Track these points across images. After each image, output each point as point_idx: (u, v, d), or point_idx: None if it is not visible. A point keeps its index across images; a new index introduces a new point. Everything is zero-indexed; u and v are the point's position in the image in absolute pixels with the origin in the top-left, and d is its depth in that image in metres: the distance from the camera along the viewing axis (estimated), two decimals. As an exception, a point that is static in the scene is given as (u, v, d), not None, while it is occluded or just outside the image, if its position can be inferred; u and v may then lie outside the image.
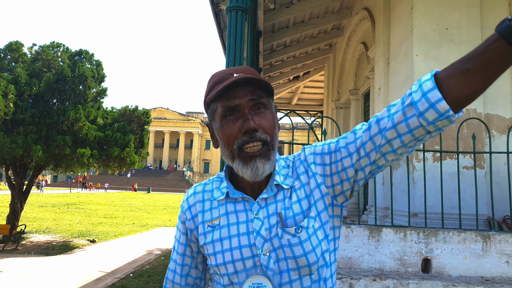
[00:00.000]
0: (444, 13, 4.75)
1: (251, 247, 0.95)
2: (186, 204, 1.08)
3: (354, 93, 9.00)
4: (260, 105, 0.94)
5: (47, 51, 11.96)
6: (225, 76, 0.95)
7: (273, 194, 0.98)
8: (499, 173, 4.34)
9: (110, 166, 12.13)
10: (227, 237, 0.98)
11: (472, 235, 3.07)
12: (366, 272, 2.96)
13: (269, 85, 0.95)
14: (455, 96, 0.77)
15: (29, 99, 11.05)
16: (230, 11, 2.83)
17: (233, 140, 0.93)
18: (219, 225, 1.00)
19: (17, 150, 9.83)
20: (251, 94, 0.93)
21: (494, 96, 4.76)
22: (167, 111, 76.49)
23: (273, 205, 0.97)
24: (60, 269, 7.93)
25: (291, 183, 0.99)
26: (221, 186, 1.04)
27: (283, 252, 0.94)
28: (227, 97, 0.93)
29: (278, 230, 0.94)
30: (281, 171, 1.01)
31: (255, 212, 0.97)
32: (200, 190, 1.08)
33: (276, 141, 0.97)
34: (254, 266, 0.94)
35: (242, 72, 0.95)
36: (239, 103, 0.92)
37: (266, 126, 0.93)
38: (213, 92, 0.94)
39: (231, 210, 1.00)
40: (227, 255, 0.96)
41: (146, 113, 13.22)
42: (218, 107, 0.95)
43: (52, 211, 20.30)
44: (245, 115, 0.93)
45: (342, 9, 8.50)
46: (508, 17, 0.71)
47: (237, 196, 0.99)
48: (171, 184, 62.78)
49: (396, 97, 5.37)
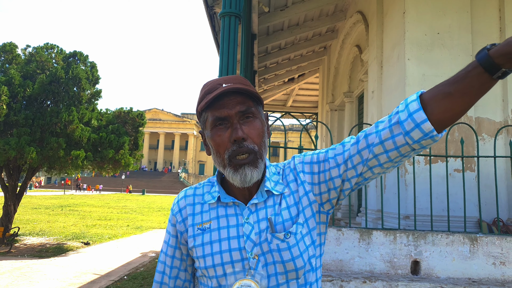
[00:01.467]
0: (435, 18, 4.81)
1: (241, 251, 0.98)
2: (176, 207, 1.10)
3: (348, 95, 9.06)
4: (248, 114, 0.97)
5: (41, 53, 11.92)
6: (215, 86, 0.98)
7: (263, 200, 1.01)
8: (489, 176, 4.40)
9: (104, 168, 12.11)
10: (217, 240, 1.00)
11: (460, 237, 3.12)
12: (357, 274, 2.99)
13: (257, 95, 0.98)
14: (438, 118, 0.83)
15: (23, 100, 11.01)
16: (223, 16, 2.86)
17: (224, 149, 0.96)
18: (210, 228, 1.02)
19: (10, 152, 9.78)
20: (239, 104, 0.96)
21: (485, 100, 4.82)
22: (162, 112, 76.29)
23: (263, 211, 1.00)
24: (54, 272, 7.90)
25: (281, 190, 1.03)
26: (212, 190, 1.07)
27: (272, 257, 0.97)
28: (217, 107, 0.96)
29: (268, 235, 0.97)
30: (272, 177, 1.05)
31: (246, 217, 1.00)
32: (191, 194, 1.10)
33: (264, 150, 1.00)
34: (243, 269, 0.97)
35: (232, 82, 0.98)
36: (228, 113, 0.95)
37: (254, 135, 0.97)
38: (203, 102, 0.97)
39: (222, 214, 1.02)
40: (217, 257, 0.98)
41: (140, 115, 13.21)
42: (208, 116, 0.99)
43: (45, 213, 20.19)
44: (234, 124, 0.96)
45: (337, 12, 8.56)
46: (487, 45, 0.75)
47: (229, 200, 1.02)
48: (166, 186, 62.59)
49: (389, 100, 5.42)
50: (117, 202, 32.08)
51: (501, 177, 4.58)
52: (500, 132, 4.74)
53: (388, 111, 5.41)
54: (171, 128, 75.89)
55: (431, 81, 4.73)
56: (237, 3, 2.91)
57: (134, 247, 11.23)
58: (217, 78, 1.02)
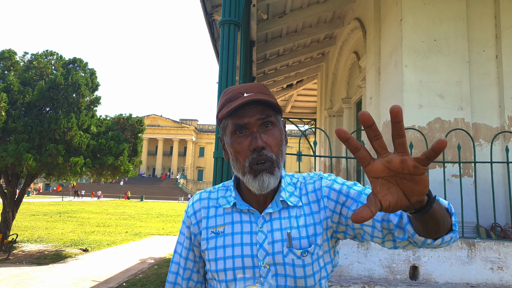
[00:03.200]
0: (432, 25, 4.87)
1: (253, 258, 1.00)
2: (191, 209, 1.12)
3: (347, 101, 9.11)
4: (268, 123, 1.00)
5: (40, 59, 11.95)
6: (236, 94, 1.01)
7: (278, 210, 1.04)
8: (487, 182, 4.43)
9: (103, 174, 12.09)
10: (230, 245, 1.02)
11: (458, 242, 3.14)
12: (356, 280, 3.01)
13: (277, 104, 1.01)
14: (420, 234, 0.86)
15: (22, 107, 11.02)
16: (223, 24, 2.90)
17: (244, 157, 0.99)
18: (223, 232, 1.04)
19: (7, 159, 9.77)
20: (259, 113, 0.99)
21: (482, 106, 4.87)
22: (161, 118, 76.35)
23: (277, 221, 1.03)
24: (52, 279, 7.87)
25: (295, 202, 1.05)
26: (227, 195, 1.09)
27: (284, 269, 0.99)
28: (238, 116, 0.99)
29: (284, 248, 1.00)
30: (287, 187, 1.07)
31: (260, 225, 1.02)
32: (206, 197, 1.12)
33: (281, 158, 1.02)
34: (253, 276, 0.99)
35: (253, 91, 1.01)
36: (248, 122, 0.98)
37: (272, 144, 0.99)
38: (225, 110, 1.00)
39: (236, 220, 1.05)
40: (229, 262, 1.00)
41: (140, 121, 13.23)
42: (229, 124, 1.01)
43: (44, 220, 20.12)
44: (253, 133, 0.98)
45: (334, 19, 8.64)
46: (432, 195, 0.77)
47: (244, 207, 1.04)
48: (165, 192, 62.46)
49: (386, 106, 5.46)
50: (115, 209, 31.97)
51: (498, 182, 4.61)
52: (497, 137, 4.79)
53: (386, 117, 5.45)
54: (170, 134, 75.94)
55: (428, 88, 4.78)
56: (237, 11, 2.96)
57: (133, 254, 11.19)
58: (238, 86, 1.04)
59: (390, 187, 0.67)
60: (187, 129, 75.94)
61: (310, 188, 1.07)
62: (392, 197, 0.67)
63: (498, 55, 4.92)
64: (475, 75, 4.89)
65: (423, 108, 4.74)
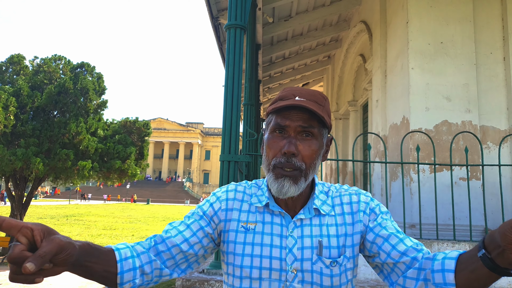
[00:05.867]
0: (438, 27, 4.85)
1: (281, 261, 0.99)
2: (224, 195, 1.09)
3: (353, 104, 9.09)
4: (308, 133, 0.98)
5: (49, 64, 12.09)
6: (289, 95, 1.00)
7: (309, 217, 1.03)
8: (495, 185, 4.39)
9: (110, 178, 12.17)
10: (259, 243, 1.01)
11: (466, 246, 3.11)
12: (363, 283, 2.99)
13: (324, 118, 0.98)
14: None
15: (31, 111, 11.14)
16: (229, 28, 2.91)
17: (273, 156, 0.99)
18: (254, 230, 1.03)
19: (16, 163, 9.88)
20: (303, 121, 0.97)
21: (490, 108, 4.83)
22: (167, 121, 76.68)
23: (308, 228, 1.02)
24: (60, 282, 7.91)
25: (328, 211, 1.04)
26: (259, 194, 1.08)
27: (311, 277, 0.98)
28: (282, 115, 0.99)
29: (313, 255, 0.99)
30: (319, 195, 1.06)
31: (290, 230, 1.01)
32: (242, 190, 1.10)
33: (312, 171, 1.00)
34: (279, 279, 0.99)
35: (307, 97, 0.99)
36: (289, 125, 0.97)
37: (306, 154, 0.98)
38: (272, 106, 1.01)
39: (268, 220, 1.04)
40: (256, 260, 1.00)
41: (146, 125, 13.31)
42: (272, 120, 1.01)
43: (51, 223, 20.24)
44: (290, 137, 0.98)
45: (340, 22, 8.64)
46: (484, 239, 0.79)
47: (276, 209, 1.03)
48: (171, 195, 62.61)
49: (393, 109, 5.44)
50: (122, 212, 32.11)
51: (507, 185, 4.57)
52: (505, 140, 4.74)
53: (392, 119, 5.43)
54: (176, 137, 76.19)
55: (435, 90, 4.76)
56: (242, 15, 2.97)
57: (139, 257, 11.21)
58: (296, 88, 1.03)
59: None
60: (193, 132, 76.15)
61: (345, 200, 1.07)
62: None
63: (505, 57, 4.89)
64: (482, 77, 4.86)
65: (430, 110, 4.72)
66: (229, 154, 2.98)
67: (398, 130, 5.13)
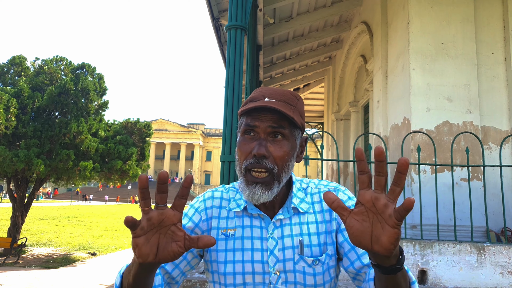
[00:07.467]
0: (439, 28, 4.85)
1: (263, 264, 0.98)
2: (202, 205, 1.06)
3: (354, 105, 9.09)
4: (278, 133, 0.96)
5: (50, 65, 12.11)
6: (259, 96, 0.98)
7: (289, 216, 1.01)
8: (496, 185, 4.38)
9: (111, 178, 12.18)
10: (240, 249, 1.00)
11: (467, 246, 3.10)
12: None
13: (294, 120, 0.95)
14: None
15: (32, 112, 11.16)
16: (230, 29, 2.92)
17: (244, 159, 0.96)
18: (234, 235, 1.01)
19: (18, 164, 9.89)
20: (272, 121, 0.95)
21: (491, 109, 4.83)
22: (168, 122, 76.68)
23: (288, 227, 1.00)
24: (61, 283, 7.92)
25: (307, 208, 1.03)
26: (237, 198, 1.06)
27: (294, 276, 0.97)
28: (252, 117, 0.96)
29: (295, 255, 0.98)
30: (297, 193, 1.04)
31: (270, 231, 1.00)
32: (219, 196, 1.08)
33: (285, 173, 0.97)
34: (263, 282, 0.98)
35: (277, 98, 0.96)
36: (258, 126, 0.95)
37: (277, 156, 0.95)
38: (242, 108, 0.99)
39: (247, 224, 1.02)
40: (239, 266, 0.98)
41: (147, 126, 13.32)
42: (243, 122, 0.99)
43: (52, 224, 20.27)
44: (260, 139, 0.95)
45: (341, 22, 8.64)
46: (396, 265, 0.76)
47: (255, 212, 1.01)
48: (172, 196, 62.21)
49: (394, 110, 5.44)
50: (123, 213, 32.12)
51: (508, 186, 4.56)
52: (506, 140, 4.74)
53: (393, 120, 5.43)
54: (177, 138, 76.18)
55: (436, 91, 4.75)
56: (243, 16, 2.98)
57: (141, 258, 11.22)
58: (266, 89, 1.01)
59: (364, 220, 0.71)
60: (194, 133, 76.14)
61: None
62: (359, 226, 0.71)
63: (507, 57, 4.88)
64: (483, 77, 4.86)
65: (431, 111, 4.71)
66: (229, 154, 2.99)
67: (399, 131, 5.12)
